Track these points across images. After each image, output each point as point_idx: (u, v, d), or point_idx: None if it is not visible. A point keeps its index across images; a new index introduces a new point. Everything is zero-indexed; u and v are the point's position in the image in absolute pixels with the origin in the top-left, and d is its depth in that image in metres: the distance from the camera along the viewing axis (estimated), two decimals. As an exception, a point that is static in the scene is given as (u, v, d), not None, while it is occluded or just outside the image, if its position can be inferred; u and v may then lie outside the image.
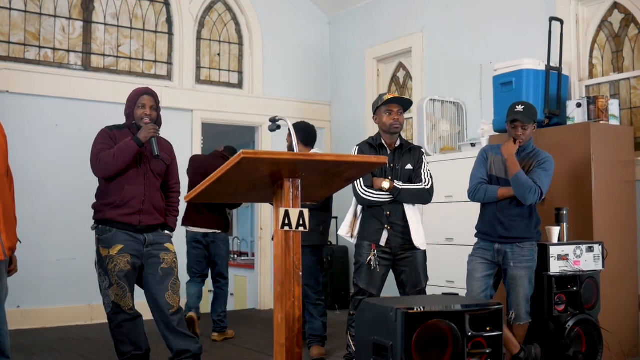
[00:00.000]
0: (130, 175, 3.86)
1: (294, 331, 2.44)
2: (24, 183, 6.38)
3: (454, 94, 6.60)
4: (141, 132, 3.85)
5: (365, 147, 4.37)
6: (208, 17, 7.76)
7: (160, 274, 3.89)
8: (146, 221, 3.88)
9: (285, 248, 2.45)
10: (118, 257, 3.81)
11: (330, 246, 7.67)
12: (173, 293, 3.90)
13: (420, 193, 4.27)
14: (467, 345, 2.81)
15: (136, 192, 3.87)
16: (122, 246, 3.82)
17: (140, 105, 3.96)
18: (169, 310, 3.86)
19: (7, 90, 6.41)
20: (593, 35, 5.72)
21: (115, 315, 3.85)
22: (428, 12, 7.12)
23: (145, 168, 3.92)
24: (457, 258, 5.20)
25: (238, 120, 7.81)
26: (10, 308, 6.19)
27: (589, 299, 4.34)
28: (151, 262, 3.90)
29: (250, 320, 7.09)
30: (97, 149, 3.90)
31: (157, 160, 3.94)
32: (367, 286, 4.24)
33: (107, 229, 3.87)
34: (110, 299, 3.84)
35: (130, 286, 3.87)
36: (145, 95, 3.98)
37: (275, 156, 2.31)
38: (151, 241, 3.90)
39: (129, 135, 3.92)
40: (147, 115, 3.94)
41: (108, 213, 3.87)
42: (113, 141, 3.90)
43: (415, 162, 4.34)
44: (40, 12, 6.74)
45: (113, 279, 3.82)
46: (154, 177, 3.95)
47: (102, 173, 3.87)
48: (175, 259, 3.98)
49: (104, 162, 3.81)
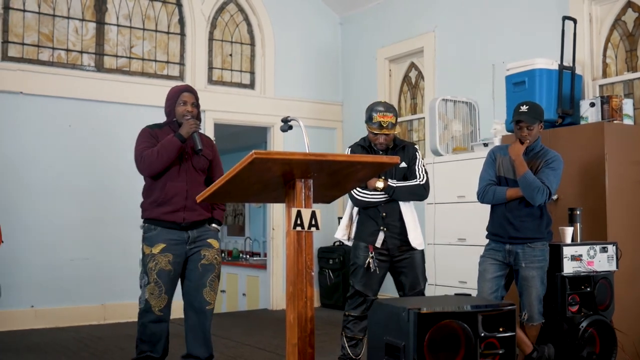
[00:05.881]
0: (172, 172, 3.89)
1: (306, 331, 2.44)
2: (37, 183, 6.46)
3: (466, 94, 6.57)
4: (183, 128, 3.88)
5: (357, 149, 4.33)
6: (220, 18, 7.78)
7: (200, 269, 3.94)
8: (190, 218, 3.91)
9: (297, 248, 2.45)
10: (159, 256, 3.84)
11: (341, 246, 7.68)
12: (211, 290, 3.96)
13: (415, 189, 4.22)
14: (479, 345, 2.80)
15: (178, 188, 3.89)
16: (165, 245, 3.85)
17: (181, 102, 3.98)
18: (205, 306, 3.93)
19: (22, 92, 6.46)
20: (606, 34, 5.68)
21: (143, 313, 3.88)
22: (440, 12, 7.10)
23: (187, 164, 3.94)
24: (469, 258, 5.18)
25: (250, 121, 7.83)
26: (24, 308, 6.28)
27: (603, 299, 4.31)
28: (193, 258, 3.95)
29: (262, 321, 7.10)
30: (141, 147, 3.92)
31: (198, 156, 3.97)
32: (363, 288, 4.21)
33: (151, 227, 3.90)
34: (144, 296, 3.87)
35: (167, 287, 3.87)
36: (185, 92, 4.01)
37: (287, 156, 2.31)
38: (195, 238, 3.94)
39: (169, 132, 3.95)
40: (189, 112, 3.96)
41: (153, 212, 3.90)
42: (155, 139, 3.93)
43: (409, 160, 4.29)
44: (54, 14, 6.79)
45: (151, 277, 3.83)
46: (197, 172, 3.97)
47: (147, 171, 3.90)
48: (217, 255, 4.01)
49: (148, 161, 3.84)
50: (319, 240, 7.84)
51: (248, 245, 11.38)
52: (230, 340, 5.80)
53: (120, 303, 6.68)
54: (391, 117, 4.17)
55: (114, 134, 6.83)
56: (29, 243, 6.29)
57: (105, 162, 6.81)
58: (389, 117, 4.16)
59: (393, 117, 4.18)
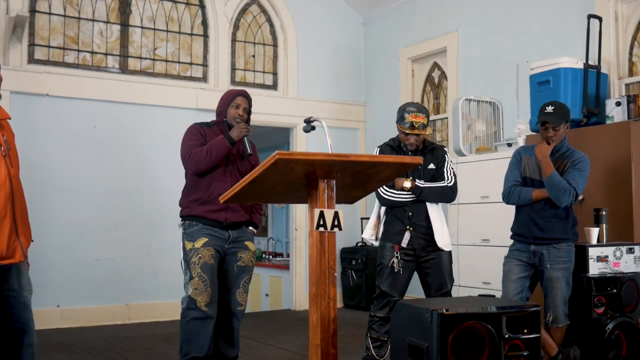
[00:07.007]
0: (218, 173, 3.94)
1: (329, 332, 2.44)
2: (63, 185, 6.53)
3: (489, 94, 6.53)
4: (233, 131, 3.93)
5: (387, 149, 4.34)
6: (243, 19, 7.81)
7: (236, 270, 4.00)
8: (232, 218, 3.95)
9: (320, 249, 2.45)
10: (203, 250, 3.87)
11: (364, 247, 7.67)
12: (244, 291, 4.04)
13: (442, 191, 4.21)
14: (504, 347, 2.78)
15: (223, 189, 3.89)
16: (207, 239, 3.89)
17: (234, 105, 4.04)
18: (237, 307, 4.00)
19: (47, 94, 6.54)
20: (633, 33, 5.61)
21: (188, 311, 3.87)
22: (463, 11, 7.06)
23: (232, 167, 4.00)
24: (493, 259, 5.15)
25: (273, 122, 7.84)
26: (50, 307, 6.35)
27: (630, 301, 4.25)
28: (229, 259, 4.00)
29: (285, 321, 7.11)
30: (189, 144, 3.96)
31: (243, 160, 4.03)
32: (389, 289, 4.21)
33: (192, 224, 3.94)
34: (187, 293, 3.88)
35: (212, 281, 3.88)
36: (240, 96, 4.08)
37: (310, 157, 2.31)
38: (234, 238, 3.98)
39: (218, 132, 4.01)
40: (240, 116, 4.02)
41: (195, 209, 3.94)
42: (203, 137, 3.97)
43: (438, 162, 4.28)
44: (79, 17, 6.86)
45: (195, 271, 3.85)
46: (240, 175, 4.00)
47: (194, 169, 3.93)
48: (252, 257, 4.08)
49: (197, 158, 3.87)
50: (341, 240, 7.84)
51: (271, 245, 11.41)
52: (253, 340, 5.82)
53: (144, 303, 6.72)
54: (423, 117, 4.17)
55: (139, 135, 6.89)
56: (54, 243, 6.36)
57: (130, 163, 6.86)
58: (421, 117, 4.16)
59: (425, 118, 4.18)
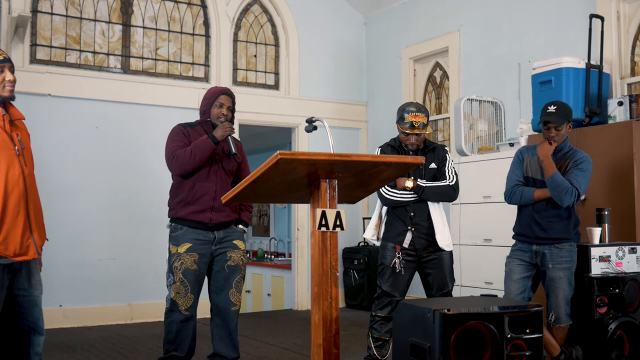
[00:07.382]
0: (202, 173, 3.92)
1: (331, 332, 2.44)
2: (65, 184, 6.54)
3: (491, 93, 6.52)
4: (217, 131, 3.90)
5: (388, 149, 4.34)
6: (244, 19, 7.81)
7: (226, 271, 3.97)
8: (217, 218, 3.94)
9: (322, 249, 2.45)
10: (185, 256, 3.87)
11: (366, 247, 7.67)
12: (236, 291, 4.00)
13: (444, 190, 4.21)
14: (506, 347, 2.78)
15: (207, 189, 3.91)
16: (190, 245, 3.88)
17: (218, 104, 4.00)
18: (231, 307, 3.97)
19: (49, 94, 6.54)
20: (635, 32, 5.60)
21: (169, 313, 3.91)
22: (465, 11, 7.06)
23: (217, 166, 3.97)
24: (495, 259, 5.15)
25: (274, 121, 7.85)
26: (53, 307, 6.34)
27: (632, 301, 4.25)
28: (218, 259, 3.98)
29: (287, 321, 7.11)
30: (173, 146, 3.94)
31: (229, 159, 4.00)
32: (390, 289, 4.21)
33: (178, 227, 3.94)
34: (170, 295, 3.90)
35: (193, 286, 3.89)
36: (223, 95, 4.04)
37: (312, 157, 2.31)
38: (220, 239, 3.97)
39: (202, 132, 3.98)
40: (224, 115, 3.99)
41: (180, 211, 3.93)
42: (187, 138, 3.96)
43: (439, 161, 4.28)
44: (81, 17, 6.87)
45: (177, 276, 3.87)
46: (226, 174, 4.01)
47: (178, 170, 3.92)
48: (243, 256, 4.05)
49: (180, 160, 3.86)
50: (343, 240, 7.84)
51: (273, 245, 11.42)
52: (255, 340, 5.83)
53: (147, 303, 6.74)
54: (423, 117, 4.17)
55: (140, 135, 6.90)
56: (57, 243, 6.32)
57: (132, 163, 6.87)
58: (421, 117, 4.16)
59: (425, 117, 4.19)
